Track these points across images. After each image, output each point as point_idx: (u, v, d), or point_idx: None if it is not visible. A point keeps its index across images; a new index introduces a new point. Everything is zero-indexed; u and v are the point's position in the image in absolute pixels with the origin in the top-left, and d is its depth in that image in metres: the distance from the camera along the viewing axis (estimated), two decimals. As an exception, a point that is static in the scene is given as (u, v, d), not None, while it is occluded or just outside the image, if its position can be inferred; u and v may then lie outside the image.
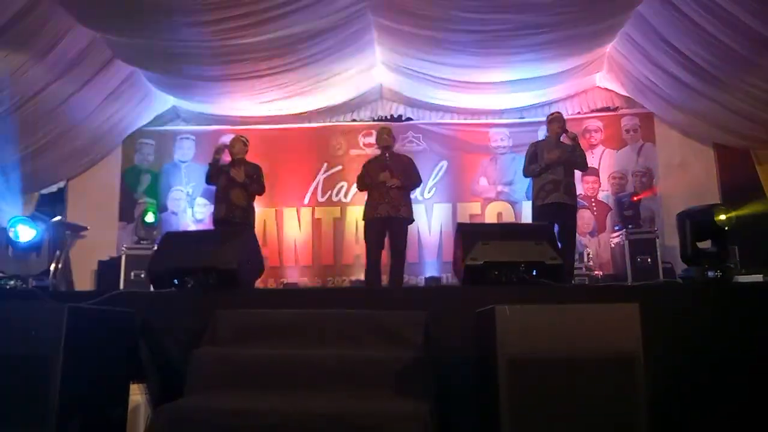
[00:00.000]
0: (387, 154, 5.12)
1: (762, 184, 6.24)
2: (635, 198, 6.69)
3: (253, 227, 5.27)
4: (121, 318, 2.62)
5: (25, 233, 3.20)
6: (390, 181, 4.89)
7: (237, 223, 5.01)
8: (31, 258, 3.32)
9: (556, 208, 4.73)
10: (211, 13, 5.02)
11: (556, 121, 4.98)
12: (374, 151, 6.77)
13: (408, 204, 5.02)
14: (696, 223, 3.19)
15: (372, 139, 7.23)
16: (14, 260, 3.32)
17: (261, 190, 5.27)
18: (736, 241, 4.88)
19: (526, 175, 5.12)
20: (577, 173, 6.97)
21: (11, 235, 3.18)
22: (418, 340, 2.58)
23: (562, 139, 4.95)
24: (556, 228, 4.36)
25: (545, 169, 4.83)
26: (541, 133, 6.31)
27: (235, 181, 5.08)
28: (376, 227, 4.94)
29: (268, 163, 7.18)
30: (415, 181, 5.21)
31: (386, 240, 5.00)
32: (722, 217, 3.12)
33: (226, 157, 5.26)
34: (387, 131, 5.25)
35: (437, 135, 7.37)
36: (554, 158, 4.80)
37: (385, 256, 5.05)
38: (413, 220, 5.12)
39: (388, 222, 4.91)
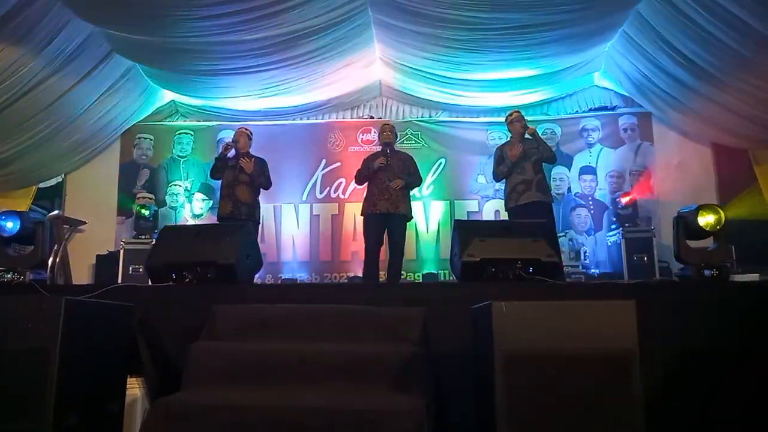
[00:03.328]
0: (388, 150, 5.09)
1: (759, 184, 6.26)
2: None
3: (259, 223, 5.25)
4: (119, 312, 2.61)
5: (10, 225, 3.22)
6: (395, 183, 4.88)
7: (242, 220, 4.98)
8: (27, 250, 3.33)
9: (532, 207, 4.70)
10: (211, 9, 5.02)
11: (516, 121, 4.98)
12: (372, 148, 6.79)
13: (407, 201, 5.00)
14: (686, 223, 3.19)
15: (371, 136, 7.27)
16: (10, 253, 3.32)
17: (268, 184, 5.26)
18: (732, 241, 4.89)
19: (496, 178, 5.12)
20: (575, 172, 7.09)
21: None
22: (415, 336, 2.58)
23: (525, 137, 4.93)
24: None
25: (513, 167, 4.83)
26: (539, 131, 6.30)
27: (241, 177, 5.04)
28: (375, 223, 4.92)
29: (267, 158, 7.22)
30: (417, 178, 5.18)
31: (385, 236, 4.99)
32: (709, 219, 3.07)
33: (231, 152, 5.20)
34: (389, 127, 5.21)
35: (435, 132, 7.39)
36: (517, 153, 4.81)
37: (383, 252, 5.05)
38: (412, 218, 5.08)
39: (387, 218, 4.90)
